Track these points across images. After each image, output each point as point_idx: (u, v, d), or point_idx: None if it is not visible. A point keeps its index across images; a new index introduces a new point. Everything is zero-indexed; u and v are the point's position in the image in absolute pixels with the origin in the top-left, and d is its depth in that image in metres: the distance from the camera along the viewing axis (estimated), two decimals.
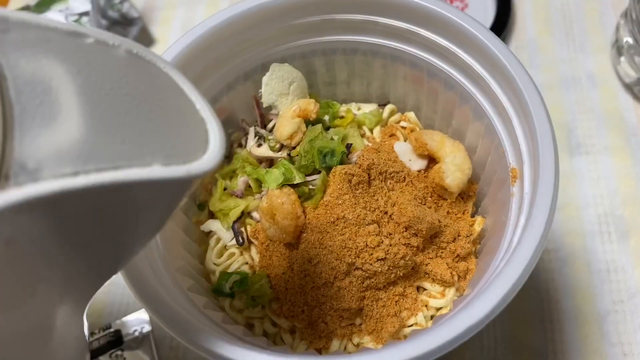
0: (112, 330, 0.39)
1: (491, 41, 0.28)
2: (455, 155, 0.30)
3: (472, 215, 0.33)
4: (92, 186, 0.15)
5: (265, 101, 0.33)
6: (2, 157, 0.14)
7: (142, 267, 0.24)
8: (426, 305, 0.29)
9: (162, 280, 0.25)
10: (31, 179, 0.14)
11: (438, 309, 0.29)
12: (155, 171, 0.16)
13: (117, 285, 0.41)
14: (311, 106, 0.31)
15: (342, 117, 0.34)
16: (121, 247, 0.18)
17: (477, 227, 0.31)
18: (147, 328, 0.38)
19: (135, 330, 0.38)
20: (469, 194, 0.33)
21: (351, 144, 0.31)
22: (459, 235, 0.30)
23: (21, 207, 0.14)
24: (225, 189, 0.32)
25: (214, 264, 0.32)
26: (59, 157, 0.15)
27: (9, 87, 0.14)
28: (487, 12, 0.48)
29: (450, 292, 0.29)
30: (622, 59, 0.44)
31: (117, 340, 0.38)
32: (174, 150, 0.17)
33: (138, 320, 0.38)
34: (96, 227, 0.16)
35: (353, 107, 0.36)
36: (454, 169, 0.30)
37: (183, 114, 0.19)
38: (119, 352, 0.38)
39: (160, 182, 0.16)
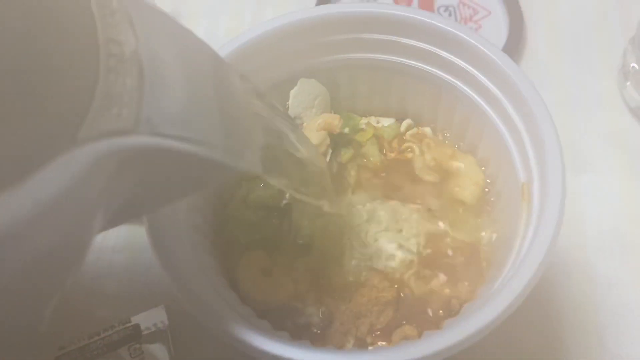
0: (131, 324, 0.40)
1: (505, 63, 0.30)
2: (469, 169, 0.32)
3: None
4: (187, 151, 0.19)
5: (292, 112, 0.35)
6: (138, 107, 0.17)
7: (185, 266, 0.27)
8: None
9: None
10: (154, 133, 0.18)
11: None
12: (219, 155, 0.21)
13: (137, 280, 0.43)
14: (335, 121, 0.34)
15: (362, 129, 0.36)
16: (163, 195, 0.24)
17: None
18: (164, 324, 0.39)
19: (154, 325, 0.40)
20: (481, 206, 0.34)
21: None
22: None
23: (140, 150, 0.18)
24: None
25: None
26: (171, 120, 0.19)
27: (142, 54, 0.18)
28: (500, 33, 0.50)
29: None
30: (628, 83, 0.46)
31: (135, 333, 0.39)
32: (232, 143, 0.23)
33: (156, 316, 0.40)
34: (163, 175, 0.21)
35: (372, 120, 0.38)
36: (469, 183, 0.32)
37: (245, 120, 0.25)
38: (137, 346, 0.39)
39: (220, 164, 0.22)
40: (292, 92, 0.35)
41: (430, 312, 0.31)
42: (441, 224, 0.32)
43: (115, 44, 0.17)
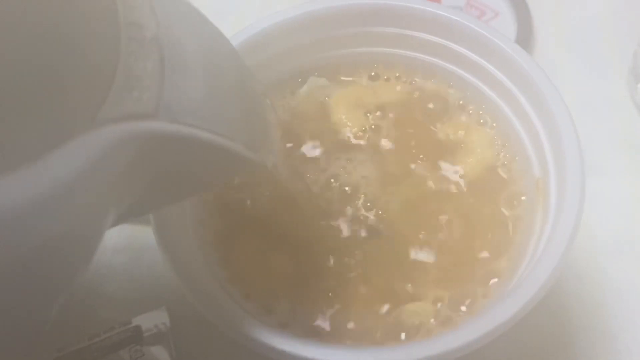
0: (132, 325, 0.39)
1: (519, 54, 0.30)
2: (480, 144, 0.32)
3: None
4: (205, 141, 0.20)
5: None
6: (158, 93, 0.17)
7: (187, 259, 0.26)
8: None
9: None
10: (173, 120, 0.18)
11: None
12: (240, 148, 0.21)
13: (138, 281, 0.42)
14: (368, 97, 0.34)
15: None
16: (178, 188, 0.23)
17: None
18: (166, 325, 0.39)
19: (155, 327, 0.39)
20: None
21: None
22: None
23: (159, 137, 0.18)
24: None
25: None
26: (191, 110, 0.19)
27: (163, 40, 0.18)
28: (508, 35, 0.49)
29: None
30: (639, 85, 0.46)
31: (136, 335, 0.39)
32: (250, 137, 0.23)
33: (158, 317, 0.39)
34: (178, 167, 0.21)
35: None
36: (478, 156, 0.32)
37: (263, 115, 0.26)
38: (138, 347, 0.39)
39: (239, 156, 0.22)
40: (301, 90, 0.35)
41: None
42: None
43: (136, 27, 0.17)
